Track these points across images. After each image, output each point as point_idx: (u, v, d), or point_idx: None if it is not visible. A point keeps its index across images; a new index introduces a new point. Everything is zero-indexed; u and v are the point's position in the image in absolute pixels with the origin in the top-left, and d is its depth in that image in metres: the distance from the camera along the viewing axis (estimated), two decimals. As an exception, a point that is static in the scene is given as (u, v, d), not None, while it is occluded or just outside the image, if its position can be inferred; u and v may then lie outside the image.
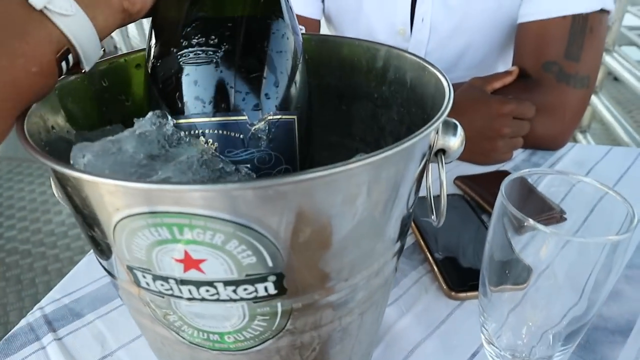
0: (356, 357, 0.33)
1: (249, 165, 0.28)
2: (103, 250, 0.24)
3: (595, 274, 0.28)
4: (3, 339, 0.44)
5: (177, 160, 0.24)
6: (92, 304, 0.48)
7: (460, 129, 0.28)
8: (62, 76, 0.27)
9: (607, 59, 1.77)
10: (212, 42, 0.27)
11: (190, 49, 0.27)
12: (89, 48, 0.27)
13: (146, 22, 0.32)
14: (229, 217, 0.19)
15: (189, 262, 0.21)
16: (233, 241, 0.20)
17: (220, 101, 0.28)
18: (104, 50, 0.31)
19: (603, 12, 0.68)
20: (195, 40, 0.28)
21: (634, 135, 1.55)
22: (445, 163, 0.28)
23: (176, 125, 0.28)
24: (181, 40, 0.28)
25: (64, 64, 0.26)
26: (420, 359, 0.41)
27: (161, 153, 0.25)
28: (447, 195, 0.30)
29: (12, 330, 0.45)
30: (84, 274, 0.51)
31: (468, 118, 0.64)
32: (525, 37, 0.72)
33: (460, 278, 0.48)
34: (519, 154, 0.71)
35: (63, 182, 0.22)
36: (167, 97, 0.29)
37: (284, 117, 0.29)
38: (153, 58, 0.30)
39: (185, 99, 0.28)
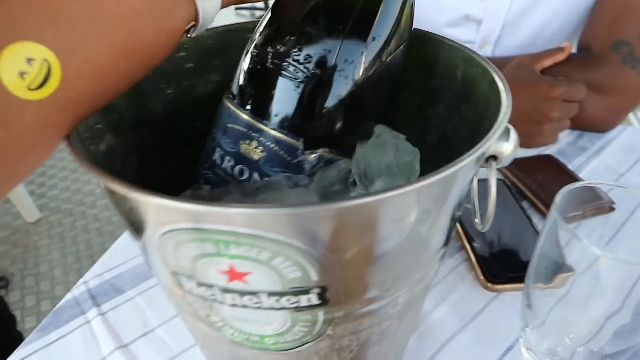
0: (392, 354, 0.33)
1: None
2: (149, 254, 0.24)
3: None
4: (52, 311, 0.46)
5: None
6: (132, 280, 0.49)
7: (514, 134, 0.26)
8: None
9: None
10: (305, 62, 0.27)
11: (283, 57, 0.27)
12: (208, 22, 0.27)
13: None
14: (275, 237, 0.19)
15: (233, 275, 0.21)
16: (279, 258, 0.20)
17: (286, 118, 0.27)
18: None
19: None
20: (293, 53, 0.27)
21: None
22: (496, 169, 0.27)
23: (240, 119, 0.28)
24: (279, 46, 0.27)
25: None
26: (453, 352, 0.41)
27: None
28: (484, 179, 0.28)
29: (59, 304, 0.47)
30: (124, 250, 0.53)
31: (515, 100, 0.60)
32: (603, 9, 0.67)
33: (498, 269, 0.47)
34: (565, 137, 0.68)
35: (110, 192, 0.22)
36: (245, 90, 0.29)
37: (338, 158, 0.29)
38: (254, 45, 0.30)
39: (257, 99, 0.28)
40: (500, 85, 0.26)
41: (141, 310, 0.46)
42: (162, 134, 0.36)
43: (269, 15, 0.29)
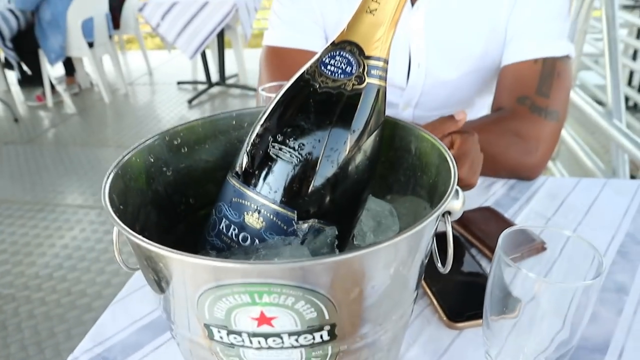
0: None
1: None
2: (178, 311, 0.29)
3: (574, 306, 0.34)
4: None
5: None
6: (123, 351, 0.51)
7: (461, 193, 0.34)
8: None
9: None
10: (299, 149, 0.33)
11: (281, 145, 0.33)
12: None
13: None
14: (301, 285, 0.25)
15: (262, 320, 0.26)
16: (301, 302, 0.26)
17: (282, 193, 0.33)
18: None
19: (568, 58, 0.78)
20: (289, 141, 0.33)
21: (595, 159, 1.67)
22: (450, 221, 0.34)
23: (244, 194, 0.34)
24: (278, 134, 0.34)
25: None
26: (428, 385, 0.46)
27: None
28: (438, 233, 0.35)
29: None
30: (110, 324, 0.55)
31: None
32: (503, 77, 0.82)
33: (457, 309, 0.53)
34: (499, 189, 0.78)
35: (152, 260, 0.27)
36: (249, 171, 0.35)
37: (325, 227, 0.35)
38: (256, 135, 0.35)
39: (259, 178, 0.34)
40: (447, 156, 0.34)
41: (135, 381, 0.48)
42: (163, 210, 0.41)
43: (268, 111, 0.36)
